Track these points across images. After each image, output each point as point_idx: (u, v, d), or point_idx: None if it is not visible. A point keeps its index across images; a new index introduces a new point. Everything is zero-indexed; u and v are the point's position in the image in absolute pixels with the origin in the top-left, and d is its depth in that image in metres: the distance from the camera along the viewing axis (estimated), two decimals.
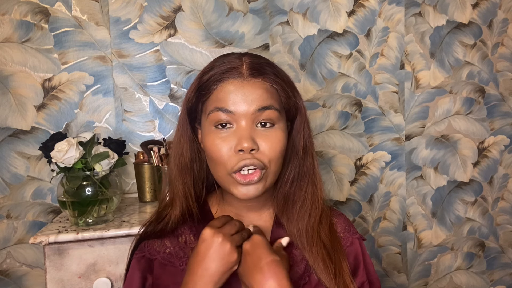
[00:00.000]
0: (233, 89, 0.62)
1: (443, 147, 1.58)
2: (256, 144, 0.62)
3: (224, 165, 0.63)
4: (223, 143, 0.63)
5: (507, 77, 1.62)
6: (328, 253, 0.68)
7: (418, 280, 1.59)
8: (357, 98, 1.48)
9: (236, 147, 0.62)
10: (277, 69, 0.67)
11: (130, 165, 1.28)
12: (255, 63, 0.65)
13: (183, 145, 0.69)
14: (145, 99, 1.32)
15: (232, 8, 1.37)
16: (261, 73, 0.64)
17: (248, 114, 0.62)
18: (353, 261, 0.74)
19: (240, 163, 0.62)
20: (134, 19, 1.30)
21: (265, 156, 0.63)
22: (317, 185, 0.71)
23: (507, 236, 1.67)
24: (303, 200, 0.70)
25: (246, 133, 0.62)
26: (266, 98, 0.63)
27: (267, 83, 0.64)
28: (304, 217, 0.70)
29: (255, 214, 0.72)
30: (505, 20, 1.60)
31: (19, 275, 1.26)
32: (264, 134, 0.63)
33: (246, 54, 0.68)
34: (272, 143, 0.63)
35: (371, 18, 1.47)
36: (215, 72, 0.64)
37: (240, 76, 0.63)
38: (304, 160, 0.70)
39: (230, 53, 0.69)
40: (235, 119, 0.62)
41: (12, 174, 1.25)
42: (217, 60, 0.67)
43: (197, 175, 0.71)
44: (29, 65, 1.24)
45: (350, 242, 0.74)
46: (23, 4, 1.23)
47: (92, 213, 0.98)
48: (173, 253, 0.68)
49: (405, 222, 1.56)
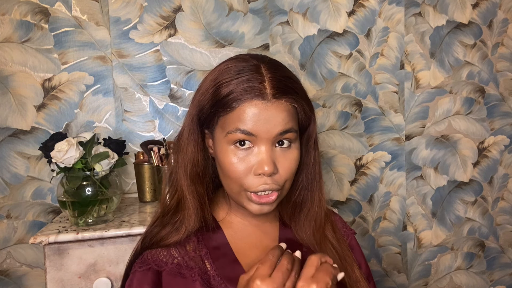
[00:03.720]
0: (257, 112, 0.59)
1: (443, 147, 1.58)
2: (276, 168, 0.61)
3: (240, 184, 0.62)
4: (241, 163, 0.61)
5: (507, 77, 1.62)
6: (336, 251, 0.70)
7: (418, 280, 1.59)
8: (357, 98, 1.48)
9: (257, 170, 0.60)
10: (295, 82, 0.64)
11: (130, 165, 1.28)
12: (277, 80, 0.61)
13: (194, 154, 0.66)
14: (145, 99, 1.32)
15: (232, 8, 1.37)
16: (284, 93, 0.61)
17: (270, 138, 0.61)
18: (355, 256, 0.76)
19: (259, 187, 0.61)
20: (134, 19, 1.30)
21: (282, 177, 0.63)
22: (322, 190, 0.71)
23: (507, 236, 1.67)
24: (311, 206, 0.71)
25: (268, 157, 0.60)
26: (288, 121, 0.61)
27: (290, 104, 0.62)
28: (311, 221, 0.71)
29: (261, 217, 0.71)
30: (505, 20, 1.60)
31: (19, 275, 1.26)
32: (282, 154, 0.62)
33: (263, 61, 0.64)
34: (289, 164, 0.63)
35: (371, 18, 1.47)
36: (235, 87, 0.60)
37: (264, 97, 0.60)
38: (313, 169, 0.70)
39: (244, 58, 0.65)
40: (255, 141, 0.61)
41: (12, 174, 1.25)
42: (233, 68, 0.62)
43: (209, 182, 0.69)
44: (29, 65, 1.24)
45: (350, 237, 0.78)
46: (23, 4, 1.23)
47: (92, 213, 0.98)
48: (182, 264, 0.64)
49: (405, 222, 1.56)
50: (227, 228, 0.70)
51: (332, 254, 0.69)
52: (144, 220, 1.02)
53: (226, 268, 0.65)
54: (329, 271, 0.56)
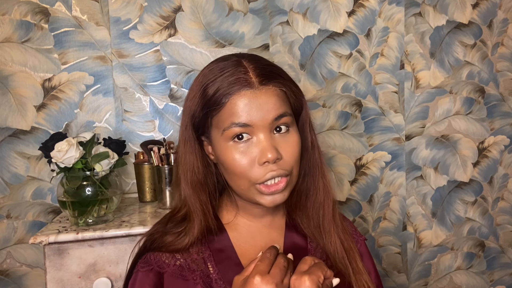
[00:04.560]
0: (247, 101, 0.60)
1: (443, 147, 1.58)
2: (279, 153, 0.61)
3: (247, 178, 0.62)
4: (243, 156, 0.61)
5: (507, 77, 1.62)
6: (342, 243, 0.70)
7: (418, 280, 1.59)
8: (357, 98, 1.48)
9: (261, 159, 0.60)
10: (278, 68, 0.66)
11: (130, 165, 1.28)
12: (260, 68, 0.63)
13: (193, 162, 0.66)
14: (145, 99, 1.32)
15: (232, 8, 1.37)
16: (270, 78, 0.62)
17: (266, 125, 0.61)
18: (365, 263, 0.75)
19: (267, 175, 0.61)
20: (134, 19, 1.30)
21: (288, 162, 0.62)
22: (326, 176, 0.70)
23: (507, 236, 1.67)
24: (316, 193, 0.70)
25: (268, 144, 0.60)
26: (280, 105, 0.62)
27: (278, 88, 0.62)
28: (319, 209, 0.70)
29: (268, 219, 0.71)
30: (505, 20, 1.60)
31: (19, 275, 1.26)
32: (282, 140, 0.62)
33: (243, 56, 0.65)
34: (292, 148, 0.63)
35: (371, 18, 1.47)
36: (221, 84, 0.61)
37: (251, 86, 0.60)
38: (313, 153, 0.70)
39: (224, 57, 0.66)
40: (253, 131, 0.61)
41: (12, 174, 1.25)
42: (216, 68, 0.63)
43: (212, 190, 0.69)
44: (29, 65, 1.24)
45: (359, 244, 0.77)
46: (23, 4, 1.23)
47: (92, 213, 0.98)
48: (184, 266, 0.64)
49: (405, 222, 1.56)
50: (232, 231, 0.69)
51: (340, 246, 0.69)
52: (144, 220, 1.02)
53: (229, 271, 0.65)
54: (322, 268, 0.57)
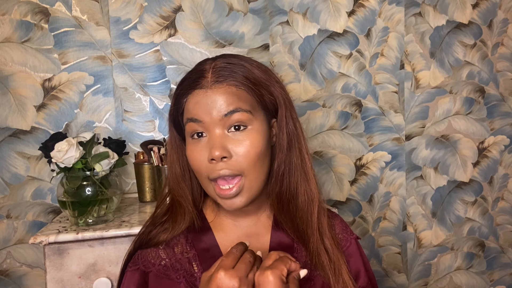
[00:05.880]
0: (199, 100, 0.63)
1: (443, 147, 1.58)
2: (227, 151, 0.61)
3: (203, 174, 0.64)
4: (199, 153, 0.63)
5: (507, 77, 1.62)
6: (327, 251, 0.68)
7: (418, 280, 1.59)
8: (357, 98, 1.48)
9: (209, 156, 0.61)
10: (247, 68, 0.65)
11: (130, 165, 1.28)
12: (222, 67, 0.64)
13: (173, 157, 0.70)
14: (145, 99, 1.32)
15: (232, 8, 1.37)
16: (225, 77, 0.63)
17: (216, 121, 0.62)
18: (354, 263, 0.74)
19: (213, 173, 0.61)
20: (134, 19, 1.30)
21: (239, 162, 0.62)
22: (309, 181, 0.68)
23: (507, 236, 1.67)
24: (298, 198, 0.68)
25: (216, 141, 0.61)
26: (231, 102, 0.62)
27: (232, 86, 0.63)
28: (302, 215, 0.68)
29: (253, 218, 0.71)
30: (505, 20, 1.60)
31: (19, 275, 1.26)
32: (236, 139, 0.62)
33: (222, 56, 0.67)
34: (245, 147, 0.62)
35: (371, 18, 1.47)
36: (183, 85, 0.65)
37: (205, 85, 0.63)
38: (290, 155, 0.68)
39: (206, 59, 0.68)
40: (206, 128, 0.63)
41: (12, 174, 1.25)
42: (189, 71, 0.67)
43: (196, 185, 0.71)
44: (29, 65, 1.24)
45: (349, 243, 0.75)
46: (23, 4, 1.23)
47: (92, 213, 0.98)
48: (168, 265, 0.66)
49: (405, 222, 1.56)
50: (218, 231, 0.70)
51: (324, 253, 0.67)
52: (144, 220, 1.02)
53: None
54: (285, 261, 0.57)
